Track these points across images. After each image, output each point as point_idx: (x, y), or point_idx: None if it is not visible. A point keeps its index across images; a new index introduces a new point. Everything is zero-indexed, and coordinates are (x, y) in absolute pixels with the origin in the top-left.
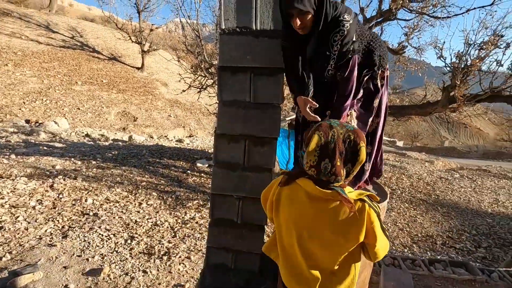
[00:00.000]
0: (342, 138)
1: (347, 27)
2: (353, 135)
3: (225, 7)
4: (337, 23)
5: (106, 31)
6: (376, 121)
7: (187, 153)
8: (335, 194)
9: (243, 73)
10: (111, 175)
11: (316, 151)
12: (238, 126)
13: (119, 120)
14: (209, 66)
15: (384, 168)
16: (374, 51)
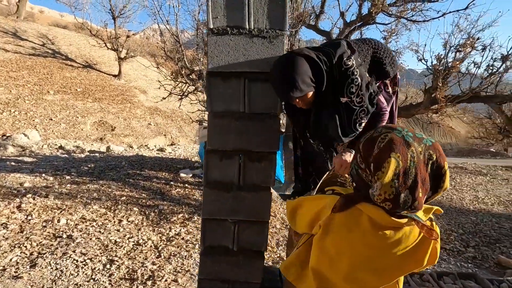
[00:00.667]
0: (423, 160)
1: (356, 72)
2: (435, 154)
3: (213, 3)
4: (344, 75)
5: (80, 38)
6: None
7: (169, 162)
8: (410, 221)
9: (236, 79)
10: (87, 191)
11: (394, 181)
12: (232, 140)
13: (95, 130)
14: (189, 72)
15: None
16: (383, 61)
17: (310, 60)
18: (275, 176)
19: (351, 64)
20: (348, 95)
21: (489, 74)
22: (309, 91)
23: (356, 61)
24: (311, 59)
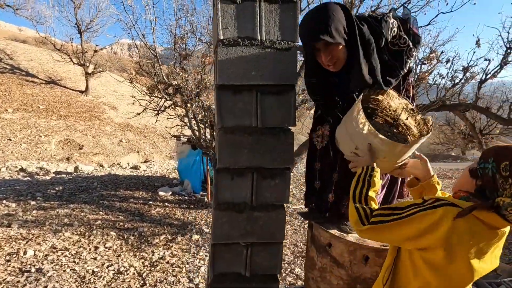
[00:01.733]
0: None
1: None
2: None
3: (223, 13)
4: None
5: (42, 52)
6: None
7: (145, 181)
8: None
9: (247, 92)
10: (57, 217)
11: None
12: (244, 157)
13: (61, 150)
14: (166, 87)
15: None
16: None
17: (347, 12)
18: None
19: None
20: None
21: (453, 85)
22: (339, 41)
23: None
24: (349, 12)
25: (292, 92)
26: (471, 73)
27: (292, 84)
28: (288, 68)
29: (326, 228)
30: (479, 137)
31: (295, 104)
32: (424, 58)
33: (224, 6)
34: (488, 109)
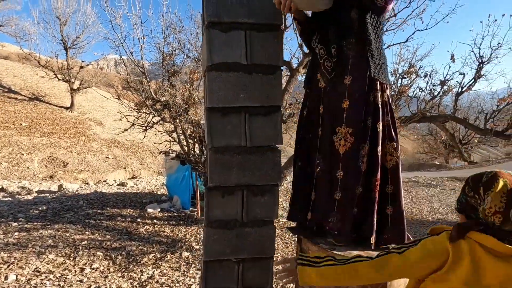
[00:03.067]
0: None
1: None
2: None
3: (212, 41)
4: None
5: (26, 69)
6: (395, 155)
7: (133, 198)
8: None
9: (236, 114)
10: (40, 238)
11: (503, 197)
12: (234, 176)
13: (44, 168)
14: (154, 103)
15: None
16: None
17: None
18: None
19: None
20: None
21: (432, 97)
22: None
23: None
24: None
25: (278, 112)
26: (448, 86)
27: (278, 105)
28: (274, 90)
29: (314, 241)
30: (459, 147)
31: (281, 124)
32: (404, 72)
33: (214, 34)
34: (466, 120)
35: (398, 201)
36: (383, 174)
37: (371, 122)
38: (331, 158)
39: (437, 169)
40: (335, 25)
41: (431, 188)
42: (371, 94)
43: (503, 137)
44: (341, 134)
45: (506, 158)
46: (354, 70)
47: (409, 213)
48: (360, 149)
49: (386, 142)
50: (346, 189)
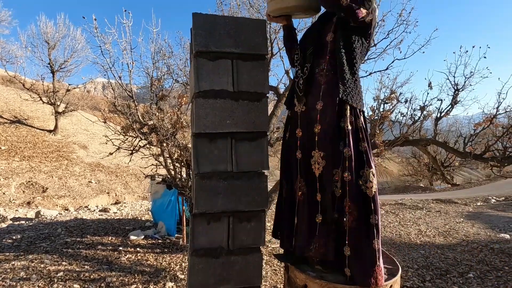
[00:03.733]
0: None
1: None
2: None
3: (200, 69)
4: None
5: (9, 91)
6: (374, 181)
7: (115, 224)
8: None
9: (222, 140)
10: (12, 270)
11: None
12: (220, 202)
13: (21, 193)
14: (141, 126)
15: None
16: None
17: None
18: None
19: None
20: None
21: (413, 122)
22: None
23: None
24: None
25: (265, 138)
26: (428, 111)
27: (264, 131)
28: (260, 117)
29: (302, 269)
30: (441, 169)
31: (267, 149)
32: (385, 98)
33: (202, 62)
34: (446, 143)
35: (379, 234)
36: (365, 203)
37: (342, 147)
38: (311, 181)
39: (423, 191)
40: (313, 46)
41: (418, 210)
42: (342, 120)
43: (481, 160)
44: (315, 158)
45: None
46: (325, 96)
47: (397, 236)
48: (333, 174)
49: (366, 168)
50: (326, 212)
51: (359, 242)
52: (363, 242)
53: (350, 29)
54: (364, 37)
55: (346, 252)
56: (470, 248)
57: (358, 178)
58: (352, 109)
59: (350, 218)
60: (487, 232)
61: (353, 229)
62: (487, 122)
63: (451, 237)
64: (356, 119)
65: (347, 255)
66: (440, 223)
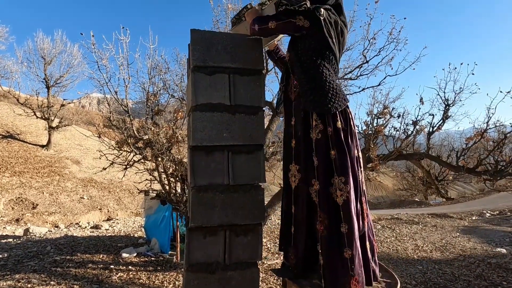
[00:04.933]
0: None
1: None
2: None
3: (197, 82)
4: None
5: (3, 106)
6: (345, 190)
7: (107, 242)
8: None
9: (219, 152)
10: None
11: None
12: (216, 215)
13: (10, 210)
14: (136, 141)
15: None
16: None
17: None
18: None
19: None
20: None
21: (406, 136)
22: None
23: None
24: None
25: (261, 151)
26: (420, 126)
27: (260, 144)
28: (256, 130)
29: (299, 284)
30: (436, 183)
31: (264, 162)
32: (379, 113)
33: (199, 76)
34: (439, 157)
35: (351, 243)
36: (336, 211)
37: (313, 157)
38: (288, 193)
39: (418, 206)
40: (285, 68)
41: (414, 225)
42: (310, 131)
43: (474, 174)
44: (292, 171)
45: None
46: (296, 110)
47: (394, 251)
48: (312, 184)
49: (335, 176)
50: (297, 224)
51: (330, 251)
52: (335, 251)
53: (300, 39)
54: (319, 40)
55: (320, 261)
56: (468, 263)
57: (329, 187)
58: (322, 116)
59: (321, 227)
60: (483, 247)
61: (324, 238)
62: (478, 136)
63: (448, 252)
64: (327, 126)
65: (321, 263)
66: (436, 238)
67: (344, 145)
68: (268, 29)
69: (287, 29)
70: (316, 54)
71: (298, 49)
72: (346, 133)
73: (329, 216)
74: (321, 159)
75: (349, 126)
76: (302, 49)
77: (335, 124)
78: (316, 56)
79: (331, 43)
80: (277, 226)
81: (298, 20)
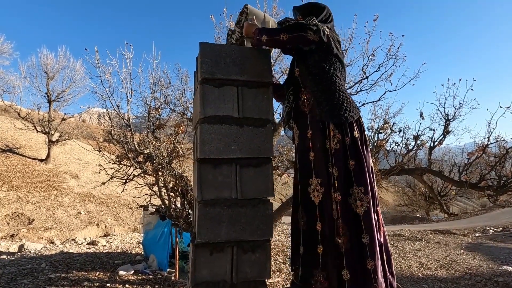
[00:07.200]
0: None
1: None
2: None
3: (206, 95)
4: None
5: (4, 120)
6: (366, 200)
7: (104, 258)
8: None
9: (227, 165)
10: None
11: None
12: (224, 231)
13: (6, 225)
14: (136, 155)
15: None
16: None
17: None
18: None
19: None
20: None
21: (407, 151)
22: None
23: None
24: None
25: (269, 164)
26: (421, 141)
27: (268, 157)
28: (264, 143)
29: None
30: (439, 199)
31: (272, 176)
32: (379, 128)
33: (207, 89)
34: (441, 172)
35: (373, 254)
36: (356, 222)
37: (331, 168)
38: (310, 210)
39: (420, 222)
40: (292, 84)
41: (417, 242)
42: (326, 142)
43: (477, 189)
44: (313, 185)
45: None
46: (312, 123)
47: (398, 269)
48: (331, 197)
49: (354, 186)
50: (327, 242)
51: (354, 264)
52: (358, 263)
53: (309, 53)
54: (327, 52)
55: (345, 276)
56: (474, 281)
57: (348, 197)
58: (339, 126)
59: (345, 239)
60: (489, 264)
61: (348, 251)
62: (479, 151)
63: (453, 269)
64: (345, 136)
65: (346, 279)
66: (440, 255)
67: (362, 155)
68: (279, 41)
69: (297, 42)
70: (328, 65)
71: (309, 62)
72: (362, 142)
73: (350, 228)
74: (340, 170)
75: (363, 136)
76: (312, 62)
77: (353, 133)
78: (328, 67)
79: (339, 55)
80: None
81: (309, 34)
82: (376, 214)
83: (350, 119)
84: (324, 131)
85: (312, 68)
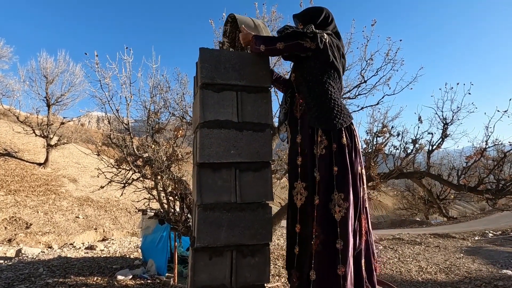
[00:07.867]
0: None
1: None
2: None
3: (205, 99)
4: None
5: (2, 124)
6: (344, 206)
7: (102, 263)
8: None
9: (226, 169)
10: None
11: None
12: (223, 235)
13: (3, 230)
14: (135, 159)
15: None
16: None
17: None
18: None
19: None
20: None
21: (406, 155)
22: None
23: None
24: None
25: (269, 168)
26: (419, 144)
27: (268, 161)
28: (264, 147)
29: None
30: (438, 202)
31: (271, 180)
32: (378, 131)
33: (207, 93)
34: (440, 176)
35: (345, 260)
36: (333, 227)
37: (315, 173)
38: (292, 212)
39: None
40: (290, 89)
41: (416, 245)
42: (314, 147)
43: (476, 193)
44: (297, 189)
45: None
46: (302, 128)
47: (397, 273)
48: (313, 201)
49: (335, 192)
50: (302, 244)
51: (324, 267)
52: (329, 267)
53: (305, 60)
54: (323, 60)
55: (311, 277)
56: (474, 286)
57: (329, 202)
58: (327, 132)
59: (317, 241)
60: (488, 268)
61: (319, 253)
62: (478, 155)
63: (453, 273)
64: (332, 142)
65: (312, 279)
66: (440, 259)
67: (347, 162)
68: (276, 50)
69: (294, 50)
70: (321, 73)
71: (304, 69)
72: (350, 150)
73: (325, 231)
74: (323, 175)
75: (353, 143)
76: (307, 69)
77: (340, 140)
78: (321, 75)
79: (335, 62)
80: (276, 247)
81: (306, 42)
82: (359, 221)
83: (339, 126)
84: (313, 136)
85: (306, 75)
